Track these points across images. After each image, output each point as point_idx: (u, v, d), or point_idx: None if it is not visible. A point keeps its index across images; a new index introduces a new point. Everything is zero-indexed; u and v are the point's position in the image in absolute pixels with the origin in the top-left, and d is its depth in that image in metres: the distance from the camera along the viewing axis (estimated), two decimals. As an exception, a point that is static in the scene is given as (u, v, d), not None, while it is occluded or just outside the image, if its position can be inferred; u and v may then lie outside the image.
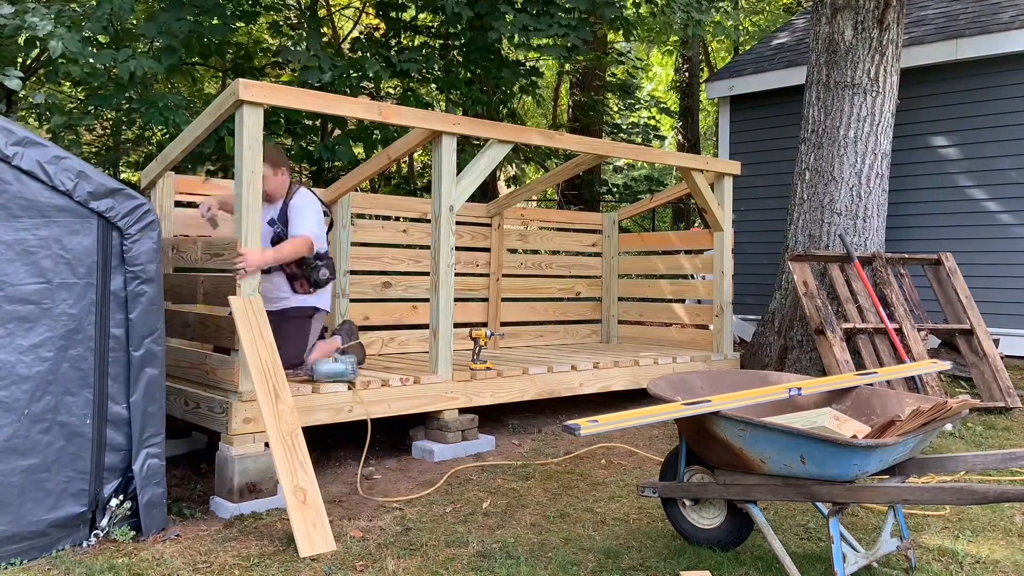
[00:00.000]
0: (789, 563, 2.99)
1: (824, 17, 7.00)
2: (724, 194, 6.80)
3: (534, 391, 5.52)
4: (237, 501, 3.92)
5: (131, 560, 3.26)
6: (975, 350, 6.31)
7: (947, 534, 3.66)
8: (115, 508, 3.48)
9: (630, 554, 3.40)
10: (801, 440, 2.88)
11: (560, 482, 4.46)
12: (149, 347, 3.54)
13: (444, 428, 4.97)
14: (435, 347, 5.01)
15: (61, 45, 5.59)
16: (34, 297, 3.30)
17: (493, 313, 7.16)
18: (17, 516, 3.24)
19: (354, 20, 12.33)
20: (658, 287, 7.70)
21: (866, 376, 3.80)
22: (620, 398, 6.30)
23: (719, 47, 20.59)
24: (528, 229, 8.01)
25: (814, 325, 6.17)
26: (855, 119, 6.82)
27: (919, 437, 2.96)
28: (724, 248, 6.79)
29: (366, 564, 3.28)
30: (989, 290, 7.86)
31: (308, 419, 4.36)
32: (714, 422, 3.08)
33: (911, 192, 8.48)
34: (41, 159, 3.32)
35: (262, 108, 4.18)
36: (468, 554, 3.39)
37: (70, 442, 3.37)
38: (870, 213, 6.85)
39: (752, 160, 9.66)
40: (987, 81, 8.09)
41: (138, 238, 3.52)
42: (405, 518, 3.84)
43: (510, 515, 3.90)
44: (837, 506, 2.95)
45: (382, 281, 6.42)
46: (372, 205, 6.54)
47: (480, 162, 5.20)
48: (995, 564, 3.32)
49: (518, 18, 7.98)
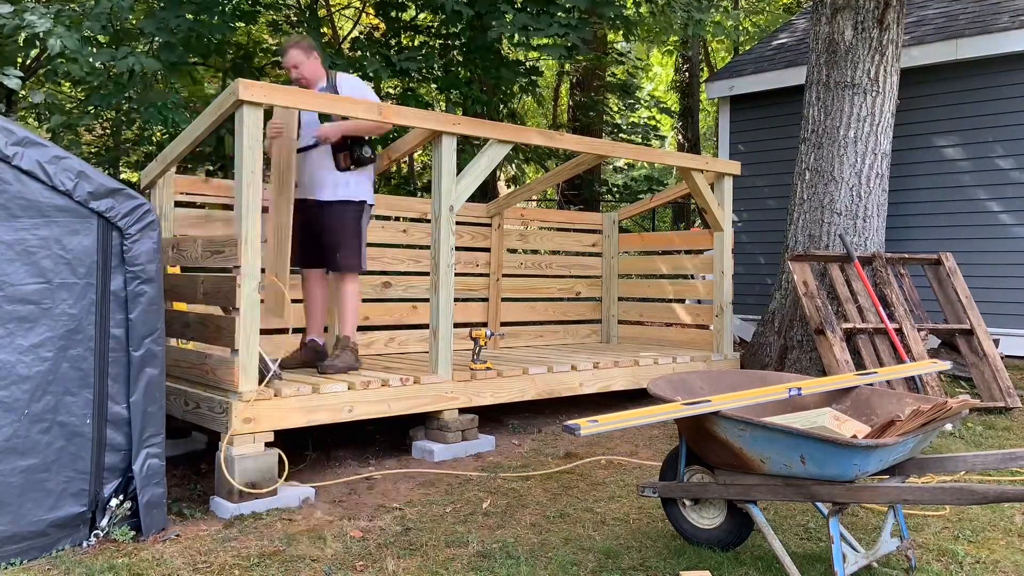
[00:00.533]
0: (789, 563, 2.99)
1: (824, 17, 7.00)
2: (724, 194, 6.80)
3: (534, 391, 5.52)
4: (237, 501, 3.92)
5: (131, 560, 3.26)
6: (975, 350, 6.31)
7: (947, 534, 3.66)
8: (115, 508, 3.48)
9: (630, 554, 3.40)
10: (801, 440, 2.88)
11: (560, 482, 4.46)
12: (149, 347, 3.54)
13: (444, 428, 4.97)
14: (435, 347, 5.01)
15: (60, 43, 5.59)
16: (34, 297, 3.30)
17: (493, 313, 7.16)
18: (17, 516, 3.24)
19: (354, 20, 12.33)
20: (658, 287, 7.70)
21: (866, 376, 3.80)
22: (620, 398, 6.30)
23: (719, 47, 20.60)
24: (528, 229, 8.01)
25: (814, 325, 6.17)
26: (855, 119, 6.83)
27: (919, 437, 2.96)
28: (724, 248, 6.79)
29: (366, 564, 3.28)
30: (989, 290, 7.86)
31: (309, 419, 4.36)
32: (714, 422, 3.08)
33: (911, 192, 8.49)
34: (41, 159, 3.32)
35: (262, 108, 4.18)
36: (468, 554, 3.39)
37: (70, 442, 3.37)
38: (870, 213, 6.85)
39: (752, 160, 9.66)
40: (987, 81, 8.09)
41: (138, 238, 3.52)
42: (405, 518, 3.84)
43: (510, 515, 3.90)
44: (837, 506, 2.95)
45: (382, 281, 6.42)
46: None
47: (480, 162, 5.20)
48: (995, 564, 3.32)
49: (518, 17, 7.97)
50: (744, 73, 9.86)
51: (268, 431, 4.16)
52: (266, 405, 4.16)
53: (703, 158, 6.78)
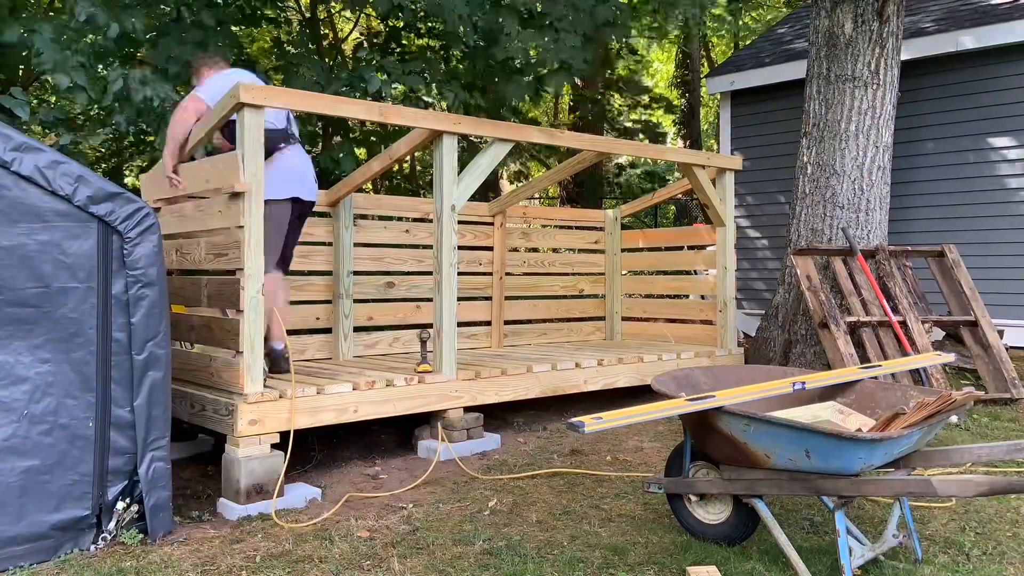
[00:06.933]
0: (795, 557, 2.98)
1: (824, 10, 6.99)
2: (726, 190, 6.78)
3: (538, 389, 5.52)
4: (244, 503, 3.93)
5: (139, 563, 3.27)
6: (980, 342, 6.29)
7: (954, 526, 3.65)
8: (121, 511, 3.49)
9: (636, 550, 3.40)
10: (805, 434, 2.87)
11: (566, 479, 4.46)
12: (152, 350, 3.54)
13: (449, 427, 4.98)
14: (439, 346, 5.01)
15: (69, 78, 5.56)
16: (34, 301, 3.30)
17: (496, 312, 7.16)
18: (17, 517, 3.24)
19: (354, 22, 12.32)
20: (661, 283, 7.69)
21: (870, 369, 3.79)
22: (625, 395, 6.30)
23: (719, 42, 20.58)
24: (530, 227, 8.01)
25: (818, 319, 6.16)
26: (856, 112, 6.81)
27: (924, 430, 2.95)
28: (726, 244, 6.78)
29: (373, 564, 3.28)
30: (993, 281, 7.84)
31: (314, 420, 4.37)
32: (718, 417, 3.08)
33: (913, 184, 8.47)
34: (40, 164, 3.32)
35: (263, 111, 4.18)
36: (475, 552, 3.39)
37: (72, 445, 3.38)
38: (872, 206, 6.83)
39: (754, 155, 9.65)
40: (988, 72, 8.07)
41: (138, 241, 3.52)
42: (412, 517, 3.85)
43: (516, 513, 3.90)
44: (843, 500, 2.95)
45: (385, 281, 6.42)
46: (374, 206, 6.54)
47: (481, 161, 5.20)
48: (1002, 556, 3.32)
49: (524, 35, 7.90)
50: (745, 68, 9.85)
51: (274, 433, 4.17)
52: (271, 407, 4.17)
53: (704, 154, 6.77)
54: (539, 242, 7.68)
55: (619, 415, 2.90)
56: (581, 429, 2.76)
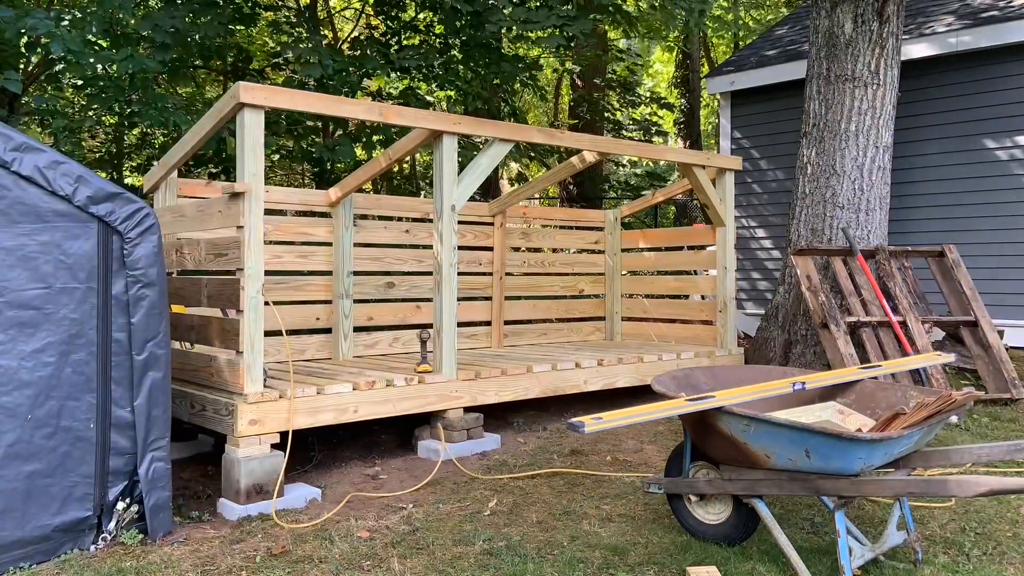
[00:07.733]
0: (795, 558, 2.98)
1: (824, 10, 6.99)
2: (726, 190, 6.79)
3: (539, 389, 5.52)
4: (244, 503, 3.93)
5: (139, 563, 3.27)
6: (980, 342, 6.29)
7: (954, 526, 3.65)
8: (122, 512, 3.49)
9: (636, 550, 3.40)
10: (805, 435, 2.87)
11: (566, 479, 4.46)
12: (152, 351, 3.54)
13: (449, 427, 4.98)
14: (439, 346, 5.01)
15: (62, 45, 5.58)
16: (35, 302, 3.30)
17: (496, 312, 7.16)
18: (22, 521, 3.25)
19: (354, 20, 12.33)
20: (661, 283, 7.69)
21: (870, 370, 3.79)
22: (625, 395, 6.30)
23: (720, 43, 20.58)
24: (530, 227, 8.01)
25: (818, 319, 6.16)
26: (856, 112, 6.81)
27: (924, 430, 2.95)
28: (726, 244, 6.78)
29: (373, 564, 3.28)
30: (993, 281, 7.84)
31: (314, 420, 4.37)
32: (718, 418, 3.08)
33: (913, 184, 8.47)
34: (40, 164, 3.32)
35: (263, 111, 4.18)
36: (475, 552, 3.39)
37: (74, 447, 3.38)
38: (872, 206, 6.83)
39: (754, 155, 9.65)
40: (988, 72, 8.07)
41: (138, 242, 3.52)
42: (412, 517, 3.85)
43: (516, 513, 3.90)
44: (843, 500, 2.95)
45: (385, 281, 6.42)
46: (375, 206, 6.54)
47: (481, 161, 5.20)
48: (1002, 556, 3.32)
49: (516, 11, 7.96)
50: (745, 68, 9.85)
51: (274, 433, 4.17)
52: (271, 407, 4.17)
53: (704, 154, 6.77)
54: (539, 242, 7.68)
55: (619, 415, 2.90)
56: (581, 429, 2.76)
